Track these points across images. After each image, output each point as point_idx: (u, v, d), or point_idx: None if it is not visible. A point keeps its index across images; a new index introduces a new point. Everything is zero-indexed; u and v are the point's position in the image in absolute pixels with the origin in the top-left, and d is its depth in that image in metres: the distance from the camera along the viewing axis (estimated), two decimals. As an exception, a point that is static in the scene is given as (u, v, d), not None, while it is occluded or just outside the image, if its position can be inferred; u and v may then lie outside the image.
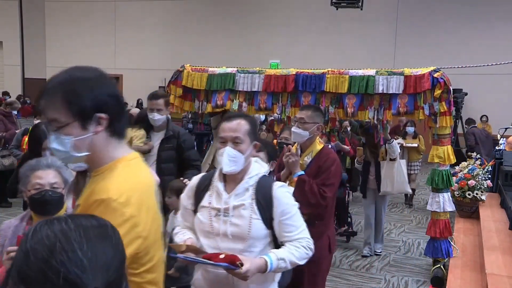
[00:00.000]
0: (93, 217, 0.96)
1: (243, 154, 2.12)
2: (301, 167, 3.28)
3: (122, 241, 0.95)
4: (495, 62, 11.03)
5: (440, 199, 4.47)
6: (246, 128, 2.15)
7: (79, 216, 0.95)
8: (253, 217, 2.10)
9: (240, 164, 2.12)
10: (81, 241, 0.86)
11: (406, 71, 4.30)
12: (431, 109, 4.22)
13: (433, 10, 14.57)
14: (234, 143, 2.13)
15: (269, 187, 2.15)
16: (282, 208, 2.11)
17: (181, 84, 4.76)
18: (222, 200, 2.15)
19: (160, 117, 3.87)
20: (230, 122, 2.17)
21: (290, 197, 2.18)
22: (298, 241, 2.12)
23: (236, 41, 16.36)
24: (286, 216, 2.12)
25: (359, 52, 14.77)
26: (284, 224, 2.12)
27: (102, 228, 0.93)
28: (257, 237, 2.10)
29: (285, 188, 2.21)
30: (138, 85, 17.09)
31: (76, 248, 0.85)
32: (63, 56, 18.12)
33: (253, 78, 4.60)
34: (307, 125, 3.28)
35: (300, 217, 2.17)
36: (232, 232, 2.10)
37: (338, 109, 4.46)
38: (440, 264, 4.75)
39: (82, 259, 0.84)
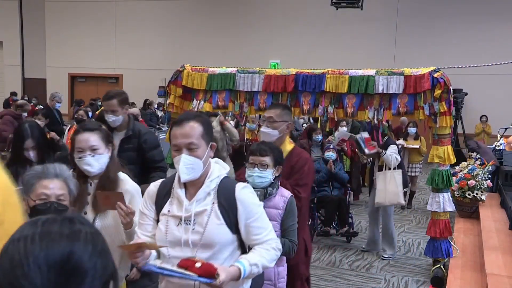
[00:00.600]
0: (69, 222, 0.91)
1: (201, 159, 1.98)
2: None
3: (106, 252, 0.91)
4: (495, 62, 11.03)
5: (440, 199, 4.47)
6: (199, 131, 1.99)
7: (54, 221, 0.90)
8: (216, 222, 1.99)
9: (198, 170, 1.99)
10: (39, 255, 0.83)
11: (406, 71, 4.30)
12: (431, 109, 4.22)
13: (433, 10, 14.57)
14: (189, 150, 1.98)
15: (231, 189, 2.03)
16: (247, 211, 2.01)
17: (181, 84, 4.75)
18: (183, 207, 2.02)
19: (115, 118, 3.65)
20: (181, 127, 1.99)
21: (254, 197, 2.08)
22: (268, 243, 2.04)
23: (236, 41, 16.36)
24: (252, 219, 2.02)
25: (359, 52, 14.77)
26: (251, 227, 2.02)
27: (73, 237, 0.88)
28: (222, 243, 2.00)
29: (249, 188, 2.10)
30: (138, 85, 17.10)
31: (30, 263, 0.82)
32: (63, 56, 18.13)
33: (253, 78, 4.60)
34: (276, 124, 3.20)
35: (265, 217, 2.10)
36: (196, 240, 1.98)
37: (338, 109, 4.46)
38: (440, 264, 4.74)
39: (34, 277, 0.82)
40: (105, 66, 17.91)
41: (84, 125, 2.65)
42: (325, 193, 6.26)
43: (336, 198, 6.16)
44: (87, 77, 18.43)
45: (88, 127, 2.54)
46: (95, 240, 0.90)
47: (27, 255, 0.83)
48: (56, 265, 0.83)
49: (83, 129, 2.51)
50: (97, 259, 0.88)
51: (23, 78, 19.17)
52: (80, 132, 2.50)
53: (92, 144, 2.45)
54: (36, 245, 0.84)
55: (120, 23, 17.67)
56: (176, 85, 4.78)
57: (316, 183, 6.11)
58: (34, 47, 18.69)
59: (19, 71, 19.09)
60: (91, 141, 2.45)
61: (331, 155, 6.29)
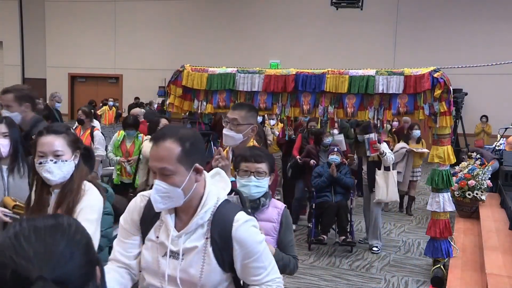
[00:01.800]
0: (53, 218, 0.98)
1: (178, 187, 1.63)
2: (233, 173, 2.95)
3: (82, 233, 0.98)
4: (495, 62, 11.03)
5: (440, 199, 4.47)
6: (176, 153, 1.61)
7: (38, 218, 0.98)
8: (206, 262, 1.69)
9: (177, 199, 1.66)
10: (28, 235, 0.90)
11: (406, 71, 4.30)
12: (431, 109, 4.22)
13: (433, 10, 14.57)
14: (163, 176, 1.63)
15: (228, 224, 1.69)
16: (246, 251, 1.69)
17: (181, 84, 4.75)
18: (170, 238, 1.71)
19: (9, 114, 3.30)
20: (156, 147, 1.63)
21: (255, 234, 1.73)
22: (267, 285, 1.74)
23: (236, 41, 16.36)
24: (252, 259, 1.71)
25: (359, 52, 14.78)
26: (249, 268, 1.72)
27: (56, 225, 0.95)
28: (212, 284, 1.71)
29: (249, 223, 1.72)
30: (138, 85, 17.11)
31: (22, 241, 0.89)
32: (63, 56, 18.13)
33: (253, 78, 4.60)
34: (241, 127, 2.94)
35: (268, 254, 1.77)
36: (181, 278, 1.70)
37: (338, 109, 4.46)
38: (440, 264, 4.74)
39: (28, 251, 0.88)
40: (105, 66, 17.91)
41: (51, 126, 2.34)
42: (326, 199, 5.92)
43: (335, 204, 5.81)
44: (87, 77, 18.43)
45: (54, 129, 2.24)
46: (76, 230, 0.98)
47: (18, 237, 0.90)
48: (46, 244, 0.90)
49: (48, 131, 2.21)
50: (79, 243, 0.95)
51: (23, 78, 19.17)
52: (44, 134, 2.20)
53: (55, 148, 2.16)
54: (25, 229, 0.92)
55: (120, 23, 17.67)
56: (176, 85, 4.78)
57: (317, 188, 5.91)
58: (34, 47, 18.70)
59: (19, 71, 19.09)
60: (55, 145, 2.16)
61: (335, 158, 5.93)
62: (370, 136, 5.70)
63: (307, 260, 5.55)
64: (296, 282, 4.92)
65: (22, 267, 0.86)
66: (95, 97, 17.31)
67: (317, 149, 6.44)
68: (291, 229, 2.48)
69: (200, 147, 1.73)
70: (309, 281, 4.99)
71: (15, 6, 18.77)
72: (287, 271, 2.38)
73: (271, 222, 2.43)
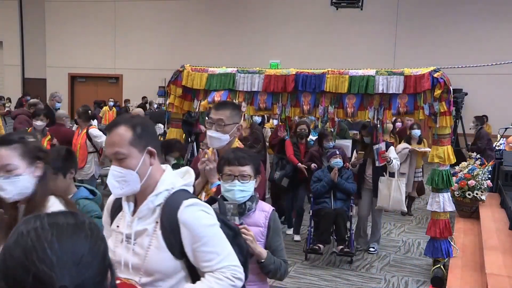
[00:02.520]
0: (72, 215, 0.98)
1: (133, 170, 1.69)
2: None
3: (102, 239, 0.98)
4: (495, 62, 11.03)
5: (440, 199, 4.47)
6: (128, 137, 1.68)
7: (57, 214, 0.98)
8: (155, 245, 1.69)
9: (134, 183, 1.70)
10: (51, 240, 0.89)
11: (406, 71, 4.30)
12: (431, 109, 4.22)
13: (433, 10, 14.57)
14: (117, 160, 1.69)
15: (175, 207, 1.69)
16: (192, 234, 1.67)
17: (181, 84, 4.76)
18: (125, 223, 1.76)
19: None
20: (110, 134, 1.71)
21: (203, 217, 1.71)
22: (220, 271, 1.70)
23: (236, 41, 16.36)
24: (200, 243, 1.67)
25: (359, 52, 14.77)
26: (199, 252, 1.68)
27: (78, 226, 0.95)
28: (163, 270, 1.70)
29: (197, 206, 1.71)
30: (138, 85, 17.10)
31: (46, 247, 0.88)
32: (63, 56, 18.12)
33: (253, 78, 4.60)
34: (227, 127, 2.76)
35: (221, 239, 1.74)
36: (133, 264, 1.71)
37: (338, 109, 4.47)
38: (440, 264, 4.74)
39: (51, 258, 0.87)
40: (105, 66, 17.90)
41: (1, 136, 2.05)
42: (324, 205, 5.54)
43: (332, 211, 5.42)
44: (87, 77, 18.42)
45: (4, 139, 1.94)
46: (97, 230, 0.98)
47: (40, 241, 0.89)
48: (68, 250, 0.90)
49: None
50: (99, 247, 0.95)
51: (23, 78, 19.17)
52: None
53: (5, 162, 1.87)
54: (47, 232, 0.91)
55: (120, 23, 17.67)
56: (176, 85, 4.79)
57: (316, 193, 5.60)
58: (34, 47, 18.69)
59: (19, 71, 19.08)
60: (4, 159, 1.87)
61: (338, 162, 5.54)
62: (380, 146, 5.51)
63: (307, 260, 5.55)
64: (296, 282, 4.92)
65: (44, 274, 0.86)
66: (95, 97, 17.31)
67: (320, 152, 6.13)
68: (279, 233, 2.39)
69: (151, 131, 1.80)
70: (309, 281, 4.99)
71: (15, 6, 18.76)
72: (278, 276, 2.32)
73: (258, 227, 2.33)
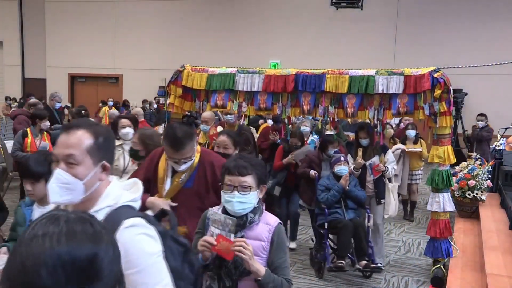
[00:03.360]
0: (91, 223, 0.94)
1: (81, 180, 1.52)
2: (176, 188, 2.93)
3: (116, 248, 0.94)
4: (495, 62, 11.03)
5: (440, 199, 4.47)
6: (87, 143, 1.53)
7: (77, 220, 0.93)
8: None
9: (77, 193, 1.53)
10: (65, 255, 0.86)
11: (406, 71, 4.30)
12: (431, 109, 4.22)
13: (433, 10, 14.57)
14: (67, 164, 1.52)
15: (114, 228, 1.46)
16: (127, 259, 1.39)
17: (181, 84, 4.76)
18: None
19: None
20: (67, 134, 1.55)
21: (143, 242, 1.49)
22: None
23: (236, 41, 16.36)
24: (134, 270, 1.45)
25: (359, 52, 14.77)
26: (132, 281, 1.44)
27: (95, 234, 0.92)
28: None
29: (137, 228, 1.49)
30: (138, 85, 17.11)
31: (56, 263, 0.85)
32: (63, 56, 18.13)
33: (253, 78, 4.60)
34: (192, 157, 2.92)
35: (159, 270, 1.51)
36: None
37: (338, 109, 4.47)
38: (440, 264, 4.74)
39: (60, 275, 0.85)
40: (105, 66, 17.90)
41: None
42: (337, 216, 5.01)
43: (352, 223, 4.90)
44: (87, 77, 18.43)
45: None
46: (114, 243, 0.95)
47: (52, 256, 0.85)
48: (81, 264, 0.87)
49: None
50: (114, 264, 0.92)
51: (23, 78, 19.17)
52: None
53: None
54: (63, 245, 0.87)
55: (120, 23, 17.67)
56: (176, 85, 4.79)
57: (328, 204, 5.04)
58: (34, 47, 18.70)
59: (19, 71, 19.09)
60: None
61: (343, 169, 5.07)
62: (373, 161, 5.18)
63: (307, 260, 5.55)
64: (296, 282, 4.92)
65: (47, 280, 0.84)
66: (95, 97, 17.33)
67: (320, 157, 5.52)
68: (284, 248, 2.22)
69: (111, 146, 1.65)
70: (309, 281, 4.99)
71: (15, 6, 18.76)
72: None
73: (260, 241, 2.17)
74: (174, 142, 2.75)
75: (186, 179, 2.91)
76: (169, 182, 2.96)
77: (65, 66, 18.16)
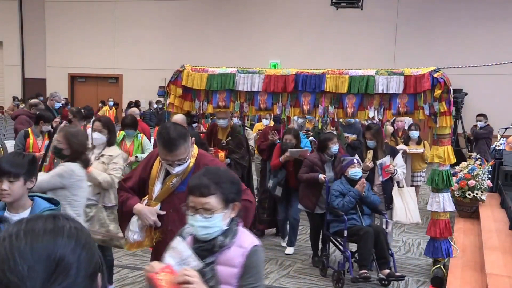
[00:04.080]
0: (53, 219, 0.93)
1: None
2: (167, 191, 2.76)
3: (85, 244, 0.92)
4: (495, 62, 11.03)
5: (440, 199, 4.47)
6: None
7: (38, 218, 0.93)
8: None
9: None
10: (23, 250, 0.85)
11: (406, 71, 4.30)
12: (431, 109, 4.23)
13: (433, 10, 14.57)
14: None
15: None
16: None
17: (181, 84, 4.76)
18: None
19: None
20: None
21: None
22: None
23: (236, 41, 16.36)
24: None
25: (359, 52, 14.77)
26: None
27: (56, 231, 0.90)
28: None
29: None
30: (138, 85, 17.11)
31: (16, 257, 0.84)
32: (63, 56, 18.13)
33: (253, 78, 4.60)
34: (189, 156, 2.74)
35: None
36: None
37: (338, 109, 4.47)
38: (440, 264, 4.74)
39: (21, 268, 0.83)
40: (105, 66, 17.90)
41: None
42: (354, 223, 4.73)
43: (372, 230, 4.62)
44: (87, 77, 18.42)
45: None
46: (78, 235, 0.92)
47: (12, 250, 0.85)
48: (41, 259, 0.85)
49: None
50: (80, 253, 0.89)
51: (23, 78, 19.17)
52: None
53: None
54: (21, 240, 0.87)
55: (120, 23, 17.67)
56: (176, 85, 4.79)
57: (344, 210, 4.74)
58: (34, 47, 18.69)
59: (19, 71, 19.08)
60: None
61: (357, 172, 4.79)
62: (384, 160, 4.99)
63: (307, 260, 5.55)
64: (296, 282, 4.92)
65: (14, 285, 0.82)
66: (95, 97, 17.33)
67: (322, 159, 5.18)
68: (254, 274, 1.89)
69: None
70: (309, 281, 4.99)
71: (15, 6, 18.76)
72: None
73: (230, 267, 1.87)
74: (167, 142, 2.58)
75: (178, 183, 2.73)
76: (159, 185, 2.79)
77: (65, 66, 18.15)
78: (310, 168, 5.17)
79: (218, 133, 5.75)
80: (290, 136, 5.64)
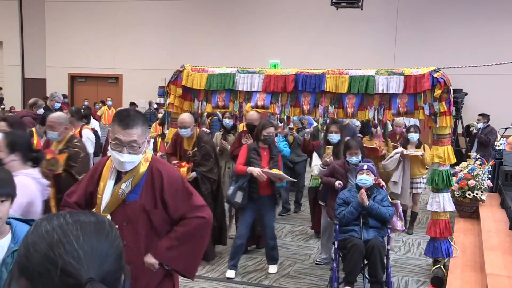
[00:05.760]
0: (92, 214, 1.01)
1: None
2: (116, 201, 2.43)
3: (119, 237, 1.00)
4: (495, 62, 11.03)
5: (440, 199, 4.47)
6: None
7: (79, 213, 1.01)
8: None
9: None
10: (77, 234, 0.92)
11: (406, 71, 4.30)
12: (431, 109, 4.23)
13: (433, 10, 14.57)
14: None
15: None
16: None
17: (181, 84, 4.76)
18: None
19: None
20: None
21: None
22: None
23: (236, 41, 16.35)
24: None
25: (359, 52, 14.77)
26: None
27: (100, 224, 0.98)
28: None
29: None
30: (138, 85, 17.10)
31: (72, 241, 0.91)
32: (63, 56, 18.12)
33: (253, 78, 4.61)
34: (142, 148, 2.44)
35: None
36: None
37: (338, 109, 4.47)
38: (440, 264, 4.74)
39: (78, 251, 0.89)
40: (105, 66, 17.89)
41: None
42: (352, 234, 4.31)
43: (361, 243, 4.18)
44: (87, 77, 18.42)
45: None
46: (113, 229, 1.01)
47: (66, 235, 0.91)
48: (93, 245, 0.92)
49: None
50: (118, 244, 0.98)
51: (23, 78, 19.16)
52: None
53: None
54: (72, 225, 0.93)
55: (120, 23, 17.66)
56: (176, 85, 4.79)
57: (344, 221, 4.38)
58: (34, 47, 18.69)
59: (19, 71, 19.08)
60: None
61: (364, 179, 4.36)
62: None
63: (307, 260, 5.55)
64: (296, 282, 4.92)
65: (72, 266, 0.88)
66: (95, 97, 17.31)
67: (345, 167, 4.77)
68: None
69: None
70: (309, 281, 4.99)
71: (15, 6, 18.76)
72: None
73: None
74: (124, 117, 2.34)
75: (128, 190, 2.42)
76: (109, 193, 2.45)
77: (65, 66, 18.14)
78: (331, 174, 4.88)
79: (183, 143, 5.12)
80: (271, 129, 4.86)
